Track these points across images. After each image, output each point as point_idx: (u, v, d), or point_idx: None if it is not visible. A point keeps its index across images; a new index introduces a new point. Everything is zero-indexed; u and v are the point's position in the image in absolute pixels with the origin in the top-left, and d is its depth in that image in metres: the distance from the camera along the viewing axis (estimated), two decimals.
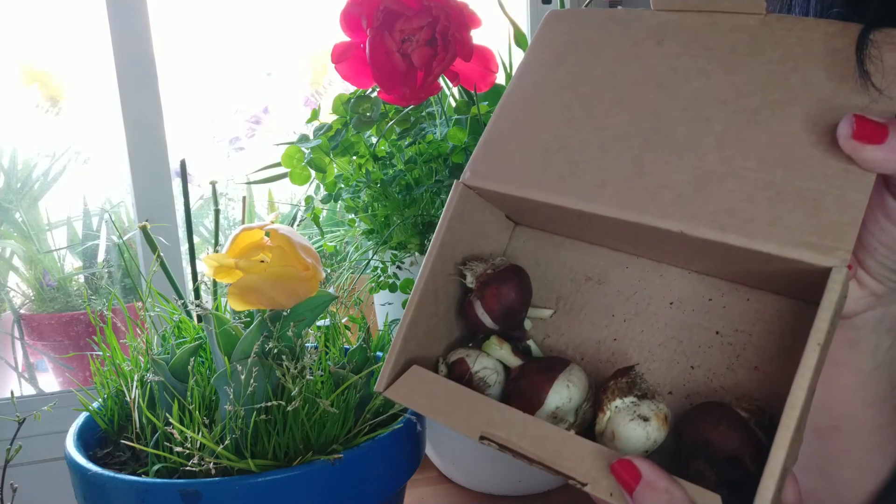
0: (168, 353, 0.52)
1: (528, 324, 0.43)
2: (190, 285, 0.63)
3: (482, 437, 0.35)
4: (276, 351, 0.46)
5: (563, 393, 0.36)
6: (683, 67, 0.36)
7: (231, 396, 0.44)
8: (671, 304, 0.39)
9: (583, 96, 0.38)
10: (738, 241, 0.31)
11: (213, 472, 0.43)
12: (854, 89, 0.32)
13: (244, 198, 0.62)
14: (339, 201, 0.69)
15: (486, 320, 0.40)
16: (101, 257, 1.05)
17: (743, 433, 0.32)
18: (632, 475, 0.30)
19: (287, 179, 0.69)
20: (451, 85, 0.64)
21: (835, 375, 0.39)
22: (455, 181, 0.40)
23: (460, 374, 0.39)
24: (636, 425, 0.33)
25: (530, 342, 0.42)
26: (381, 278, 0.64)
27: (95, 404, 0.53)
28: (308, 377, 0.46)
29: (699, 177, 0.33)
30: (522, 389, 0.37)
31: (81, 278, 1.05)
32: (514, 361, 0.40)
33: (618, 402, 0.34)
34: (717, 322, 0.38)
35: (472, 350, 0.41)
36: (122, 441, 0.49)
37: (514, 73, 0.41)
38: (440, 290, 0.40)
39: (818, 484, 0.42)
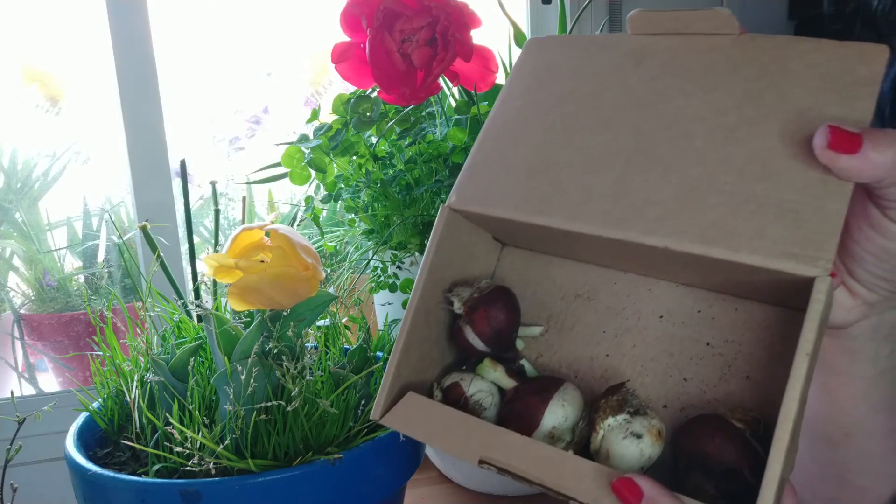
0: (168, 353, 0.52)
1: (520, 343, 0.43)
2: (190, 285, 0.63)
3: (481, 462, 0.35)
4: (276, 351, 0.46)
5: (559, 413, 0.36)
6: (662, 87, 0.37)
7: (231, 396, 0.44)
8: (661, 317, 0.40)
9: (565, 117, 0.39)
10: (723, 255, 0.31)
11: (213, 472, 0.43)
12: (830, 102, 0.32)
13: (244, 198, 0.62)
14: (339, 201, 0.69)
15: (478, 344, 0.40)
16: (101, 257, 1.05)
17: (739, 445, 0.32)
18: (633, 493, 0.30)
19: (287, 179, 0.69)
20: (451, 85, 0.64)
21: (839, 385, 0.39)
22: (441, 206, 0.40)
23: (455, 399, 0.39)
24: (629, 443, 0.34)
25: (524, 362, 0.42)
26: (381, 278, 0.64)
27: (95, 404, 0.53)
28: (308, 377, 0.46)
29: (682, 193, 0.33)
30: (518, 411, 0.37)
31: (81, 278, 1.05)
32: (508, 383, 0.40)
33: (610, 420, 0.35)
34: (706, 333, 0.38)
35: (466, 374, 0.41)
36: (122, 441, 0.49)
37: (496, 100, 0.42)
38: (431, 314, 0.41)
39: (838, 492, 0.42)
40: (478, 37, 0.60)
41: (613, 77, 0.38)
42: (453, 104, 0.71)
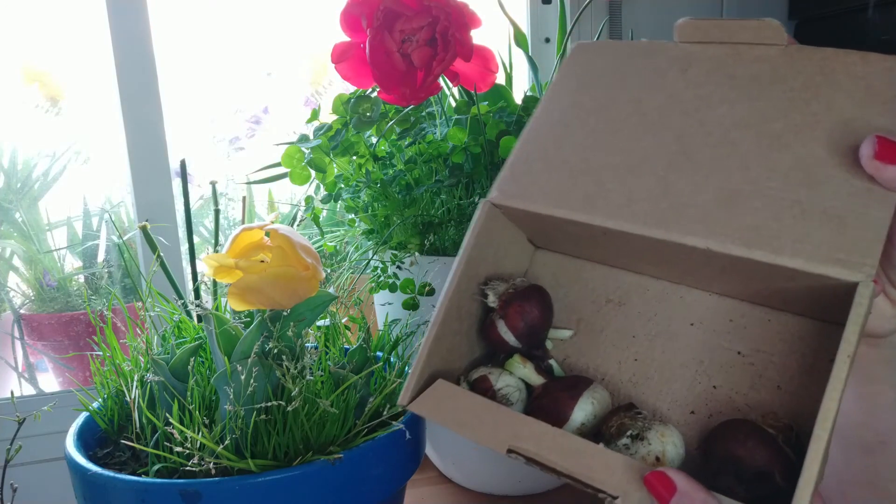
0: (168, 353, 0.52)
1: (548, 345, 0.43)
2: (190, 285, 0.63)
3: (510, 451, 0.35)
4: (276, 351, 0.46)
5: (588, 409, 0.37)
6: (707, 95, 0.37)
7: (231, 396, 0.44)
8: (692, 324, 0.40)
9: (608, 121, 0.39)
10: (765, 257, 0.31)
11: (213, 472, 0.43)
12: (875, 113, 0.33)
13: (244, 198, 0.62)
14: (339, 201, 0.69)
15: (510, 338, 0.40)
16: (101, 257, 1.05)
17: (772, 449, 0.32)
18: (666, 487, 0.30)
19: (287, 179, 0.69)
20: (451, 85, 0.64)
21: (877, 393, 0.39)
22: (482, 200, 0.40)
23: (482, 392, 0.39)
24: None
25: (552, 362, 0.42)
26: (381, 278, 0.64)
27: (95, 404, 0.53)
28: (308, 377, 0.46)
29: (725, 196, 0.34)
30: (547, 406, 0.37)
31: (81, 278, 1.05)
32: (536, 380, 0.40)
33: (610, 446, 0.34)
34: (738, 343, 0.38)
35: (495, 368, 0.41)
36: (122, 441, 0.49)
37: (540, 100, 0.42)
38: (463, 307, 0.41)
39: (870, 498, 0.43)
40: (478, 37, 0.60)
41: (658, 83, 0.39)
42: (453, 104, 0.71)
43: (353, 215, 0.71)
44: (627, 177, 0.37)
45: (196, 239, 0.78)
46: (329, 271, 0.70)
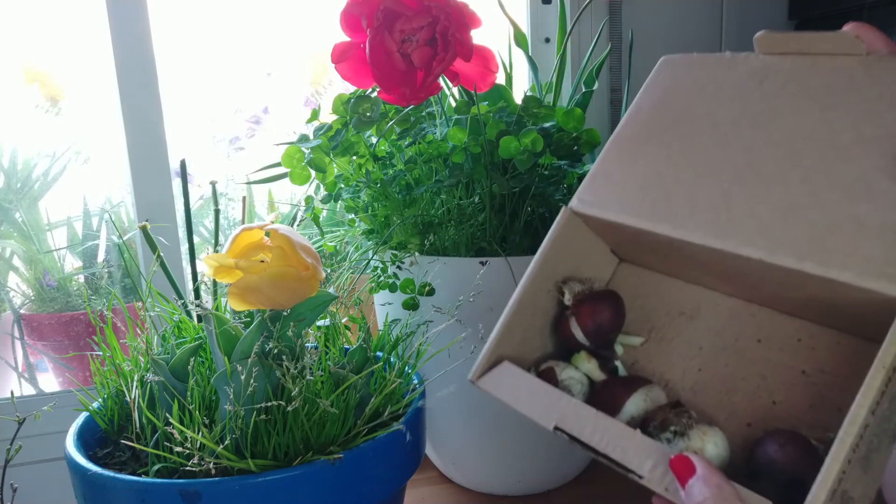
0: (168, 353, 0.52)
1: (619, 349, 0.45)
2: (190, 285, 0.63)
3: (556, 428, 0.37)
4: (276, 351, 0.46)
5: (640, 405, 0.39)
6: (779, 106, 0.38)
7: (231, 396, 0.44)
8: (759, 341, 0.41)
9: (684, 136, 0.40)
10: (815, 270, 0.32)
11: (213, 472, 0.43)
12: None
13: (244, 198, 0.62)
14: (339, 201, 0.69)
15: (579, 335, 0.43)
16: (101, 257, 1.05)
17: (809, 457, 0.33)
18: (687, 469, 0.32)
19: (287, 179, 0.69)
20: (451, 85, 0.64)
21: None
22: (564, 207, 0.43)
23: (547, 380, 0.42)
24: None
25: (618, 363, 0.44)
26: (381, 278, 0.64)
27: (95, 404, 0.53)
28: (308, 377, 0.46)
29: (783, 208, 0.34)
30: (602, 398, 0.40)
31: (81, 278, 1.05)
32: (599, 376, 0.42)
33: (656, 437, 0.36)
34: (803, 362, 0.39)
35: (562, 362, 0.43)
36: (122, 441, 0.49)
37: (625, 114, 0.44)
38: (538, 304, 0.44)
39: None
40: (478, 37, 0.60)
41: (734, 95, 0.40)
42: (453, 104, 0.71)
43: (353, 215, 0.71)
44: (693, 189, 0.38)
45: (196, 239, 0.78)
46: (329, 271, 0.70)
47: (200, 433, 0.43)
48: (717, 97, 0.40)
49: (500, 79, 0.68)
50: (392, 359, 0.56)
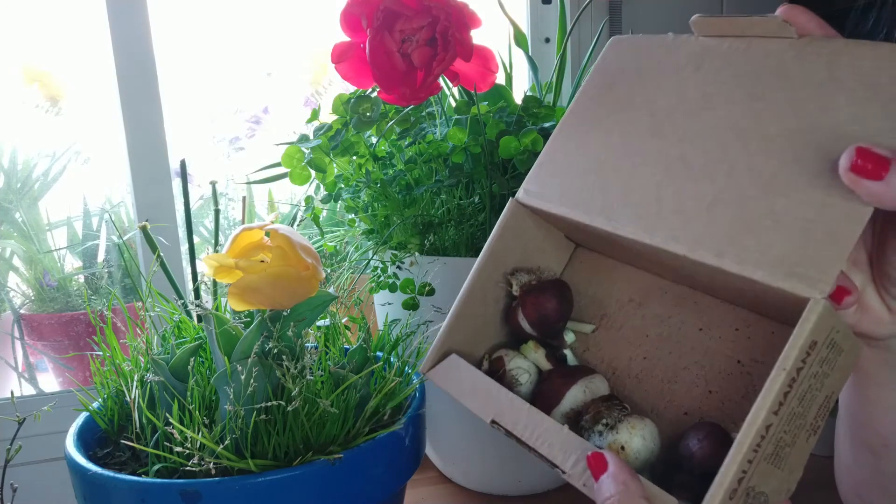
0: (168, 353, 0.52)
1: (570, 336, 0.46)
2: (190, 285, 0.63)
3: (493, 422, 0.38)
4: (276, 351, 0.46)
5: (579, 397, 0.40)
6: (712, 94, 0.37)
7: (231, 396, 0.44)
8: (700, 329, 0.41)
9: (624, 122, 0.40)
10: (732, 268, 0.32)
11: (213, 472, 0.43)
12: (873, 114, 0.31)
13: (244, 198, 0.62)
14: (339, 201, 0.69)
15: (525, 326, 0.44)
16: (101, 257, 1.05)
17: (725, 451, 0.32)
18: (599, 466, 0.33)
19: (287, 179, 0.69)
20: (451, 85, 0.64)
21: (878, 395, 0.40)
22: (511, 198, 0.43)
23: (496, 369, 0.43)
24: None
25: (567, 352, 0.45)
26: (381, 278, 0.64)
27: (95, 404, 0.53)
28: (308, 377, 0.46)
29: (708, 203, 0.34)
30: (545, 391, 0.41)
31: (81, 278, 1.05)
32: (545, 365, 0.43)
33: (587, 432, 0.38)
34: (739, 352, 0.40)
35: (512, 351, 0.44)
36: (122, 441, 0.49)
37: (572, 100, 0.44)
38: (489, 295, 0.44)
39: (881, 501, 0.43)
40: (478, 37, 0.60)
41: (672, 82, 0.40)
42: (453, 104, 0.71)
43: (353, 215, 0.71)
44: (629, 180, 0.38)
45: (196, 239, 0.78)
46: (329, 271, 0.70)
47: (200, 433, 0.43)
48: (657, 83, 0.40)
49: (500, 79, 0.68)
50: (392, 359, 0.56)
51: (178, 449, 0.43)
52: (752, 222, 0.32)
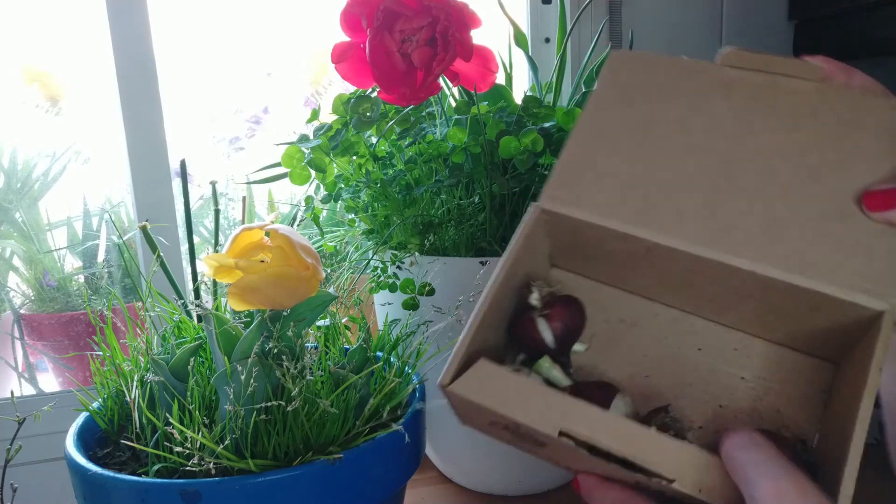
0: (168, 353, 0.52)
1: (581, 346, 0.45)
2: (190, 285, 0.63)
3: (561, 434, 0.34)
4: (276, 351, 0.46)
5: (622, 409, 0.38)
6: (749, 121, 0.39)
7: (231, 396, 0.44)
8: (699, 349, 0.42)
9: (655, 138, 0.41)
10: (804, 283, 0.34)
11: (213, 472, 0.43)
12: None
13: (244, 198, 0.62)
14: (339, 201, 0.69)
15: (547, 337, 0.41)
16: (101, 257, 1.05)
17: (793, 454, 0.34)
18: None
19: (287, 179, 0.69)
20: (451, 85, 0.64)
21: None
22: (532, 204, 0.41)
23: None
24: None
25: (571, 370, 0.43)
26: (381, 278, 0.64)
27: (95, 404, 0.53)
28: (308, 377, 0.46)
29: (767, 222, 0.36)
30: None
31: (81, 278, 1.05)
32: (564, 381, 0.41)
33: None
34: (741, 369, 0.41)
35: (522, 367, 0.42)
36: (122, 441, 0.49)
37: (584, 109, 0.43)
38: (502, 304, 0.41)
39: None
40: (478, 37, 0.60)
41: (702, 104, 0.41)
42: (453, 104, 0.71)
43: (353, 215, 0.71)
44: (676, 195, 0.38)
45: (196, 239, 0.78)
46: (329, 271, 0.70)
47: (200, 433, 0.43)
48: (686, 104, 0.41)
49: (500, 79, 0.68)
50: (392, 359, 0.56)
51: (178, 449, 0.43)
52: (816, 242, 0.35)
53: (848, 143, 0.37)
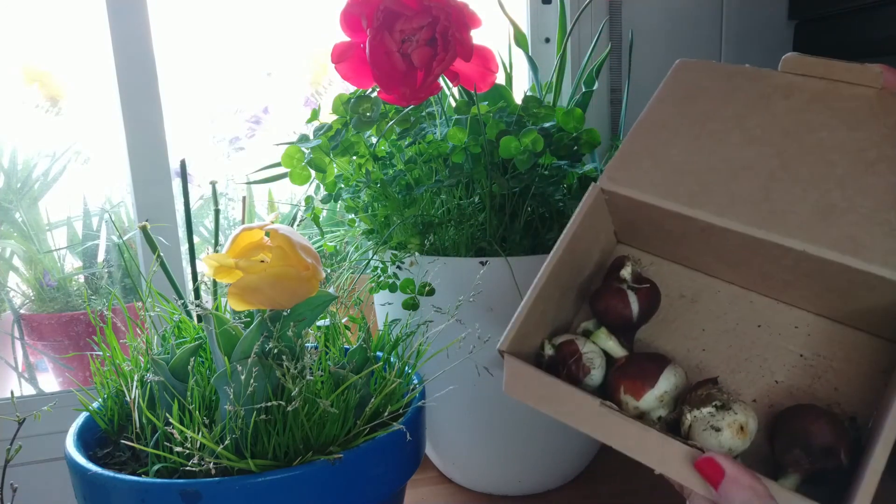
0: (168, 353, 0.52)
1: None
2: (190, 285, 0.63)
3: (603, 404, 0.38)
4: (276, 351, 0.46)
5: (672, 380, 0.40)
6: (808, 120, 0.41)
7: (231, 396, 0.44)
8: (759, 326, 0.43)
9: (713, 131, 0.43)
10: (856, 264, 0.35)
11: (213, 472, 0.43)
12: None
13: (244, 198, 0.62)
14: (339, 201, 0.69)
15: (635, 309, 0.44)
16: (101, 257, 1.05)
17: (841, 429, 0.36)
18: (716, 471, 0.33)
19: (287, 179, 0.69)
20: (451, 85, 0.64)
21: None
22: (592, 184, 0.44)
23: (568, 354, 0.43)
24: (709, 435, 0.37)
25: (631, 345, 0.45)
26: (381, 278, 0.64)
27: (95, 404, 0.53)
28: (308, 377, 0.46)
29: (822, 208, 0.37)
30: (632, 373, 0.41)
31: (81, 278, 1.05)
32: (619, 352, 0.43)
33: (696, 412, 0.38)
34: (801, 346, 0.42)
35: (579, 336, 0.44)
36: (122, 441, 0.49)
37: (646, 106, 0.46)
38: (561, 278, 0.44)
39: None
40: (478, 37, 0.60)
41: (761, 104, 0.43)
42: (453, 104, 0.71)
43: (353, 215, 0.71)
44: (731, 181, 0.40)
45: (196, 239, 0.78)
46: (329, 271, 0.70)
47: (200, 433, 0.43)
48: (743, 103, 0.43)
49: (500, 79, 0.68)
50: (392, 359, 0.56)
51: (178, 449, 0.43)
52: (871, 228, 0.36)
53: None
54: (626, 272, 0.44)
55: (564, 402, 0.39)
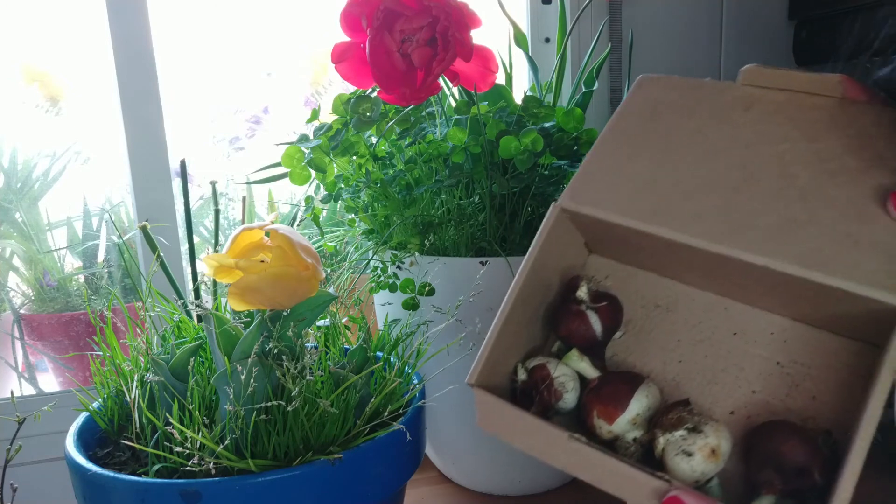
0: (168, 353, 0.52)
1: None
2: (190, 285, 0.63)
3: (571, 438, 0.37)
4: (276, 351, 0.46)
5: (644, 402, 0.39)
6: (769, 132, 0.41)
7: (231, 396, 0.44)
8: (735, 334, 0.43)
9: (675, 146, 0.42)
10: (820, 279, 0.35)
11: (213, 472, 0.43)
12: None
13: (244, 198, 0.62)
14: (339, 201, 0.69)
15: (597, 329, 0.43)
16: (101, 257, 1.05)
17: (813, 447, 0.35)
18: None
19: (287, 179, 0.69)
20: (451, 85, 0.64)
21: None
22: (553, 203, 0.43)
23: (540, 379, 0.42)
24: (680, 460, 0.36)
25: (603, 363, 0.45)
26: (381, 278, 0.64)
27: (95, 404, 0.53)
28: (308, 377, 0.46)
29: (784, 221, 0.37)
30: (606, 395, 0.40)
31: (81, 278, 1.05)
32: (592, 373, 0.43)
33: (668, 435, 0.37)
34: (777, 353, 0.41)
35: (552, 358, 0.43)
36: (122, 441, 0.49)
37: (609, 121, 0.46)
38: (527, 301, 0.44)
39: None
40: (478, 37, 0.60)
41: (722, 117, 0.42)
42: (453, 104, 0.71)
43: (353, 215, 0.71)
44: (693, 195, 0.40)
45: (196, 239, 0.78)
46: (329, 271, 0.70)
47: (200, 433, 0.43)
48: (704, 117, 0.43)
49: (500, 79, 0.68)
50: (392, 359, 0.56)
51: (178, 449, 0.43)
52: (834, 241, 0.35)
53: (868, 152, 0.37)
54: (581, 293, 0.44)
55: (534, 435, 0.38)
